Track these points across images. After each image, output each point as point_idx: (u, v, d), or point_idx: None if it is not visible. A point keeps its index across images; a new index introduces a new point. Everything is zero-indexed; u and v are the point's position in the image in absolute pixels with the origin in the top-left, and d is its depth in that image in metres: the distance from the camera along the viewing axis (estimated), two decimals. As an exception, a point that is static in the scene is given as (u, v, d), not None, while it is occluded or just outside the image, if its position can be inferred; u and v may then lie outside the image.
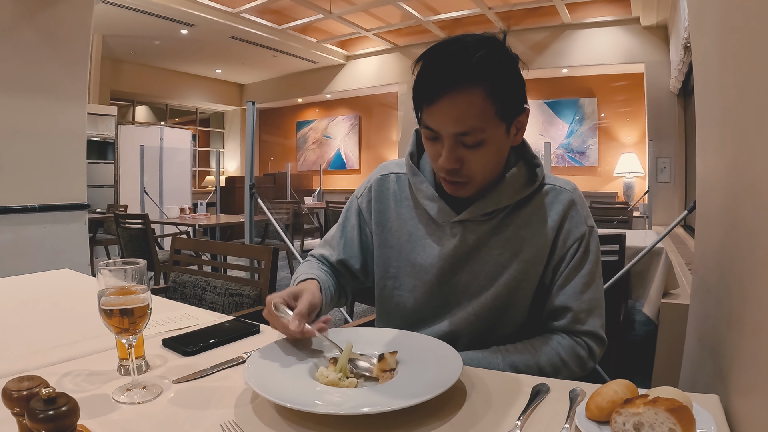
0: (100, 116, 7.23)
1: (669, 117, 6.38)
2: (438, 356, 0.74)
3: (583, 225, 0.92)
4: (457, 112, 0.80)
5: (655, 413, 0.53)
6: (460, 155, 0.84)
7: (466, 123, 0.80)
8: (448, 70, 0.79)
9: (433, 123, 0.83)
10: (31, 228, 2.93)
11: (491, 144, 0.84)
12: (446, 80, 0.79)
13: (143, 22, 6.58)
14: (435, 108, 0.81)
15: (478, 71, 0.79)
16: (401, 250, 0.99)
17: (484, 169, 0.87)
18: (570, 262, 0.92)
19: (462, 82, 0.78)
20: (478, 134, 0.81)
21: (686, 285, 2.44)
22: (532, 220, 0.92)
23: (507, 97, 0.82)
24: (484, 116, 0.80)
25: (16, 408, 0.53)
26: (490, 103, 0.80)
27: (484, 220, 0.92)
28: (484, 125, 0.81)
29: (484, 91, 0.79)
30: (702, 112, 1.15)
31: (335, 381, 0.69)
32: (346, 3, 6.54)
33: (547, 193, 0.94)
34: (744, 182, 0.73)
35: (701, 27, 1.10)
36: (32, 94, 2.89)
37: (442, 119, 0.81)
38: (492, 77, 0.80)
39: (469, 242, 0.93)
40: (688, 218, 2.15)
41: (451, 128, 0.81)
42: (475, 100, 0.79)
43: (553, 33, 7.19)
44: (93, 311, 0.72)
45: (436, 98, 0.80)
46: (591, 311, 0.91)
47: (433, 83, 0.80)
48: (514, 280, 0.91)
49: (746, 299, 0.69)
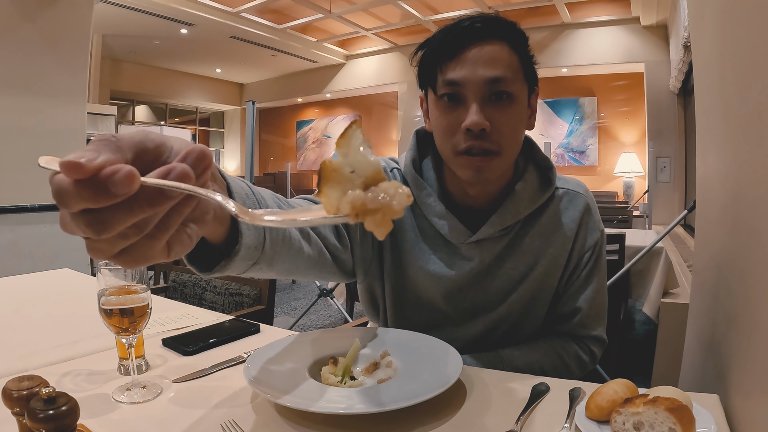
0: (99, 116, 7.22)
1: (669, 116, 6.38)
2: (438, 356, 0.74)
3: (596, 232, 0.90)
4: (489, 56, 0.76)
5: (654, 413, 0.53)
6: (489, 115, 0.77)
7: (499, 68, 0.76)
8: (473, 25, 0.77)
9: (460, 73, 0.76)
10: (31, 228, 2.93)
11: (518, 105, 0.79)
12: (472, 33, 0.77)
13: (143, 22, 6.58)
14: (462, 59, 0.77)
15: (502, 29, 0.78)
16: (410, 266, 0.89)
17: (512, 136, 0.79)
18: (584, 270, 0.89)
19: (490, 35, 0.77)
20: (509, 85, 0.77)
21: (686, 284, 2.44)
22: (548, 230, 0.88)
23: (528, 61, 0.81)
24: (513, 68, 0.78)
25: (16, 408, 0.53)
26: (517, 59, 0.78)
27: (501, 236, 0.86)
28: (514, 76, 0.78)
29: (510, 47, 0.78)
30: (702, 111, 1.15)
31: (337, 384, 0.69)
32: (346, 2, 6.53)
33: (561, 198, 0.89)
34: (744, 182, 0.73)
35: (701, 26, 1.10)
36: (32, 93, 2.88)
37: (474, 66, 0.76)
38: (514, 39, 0.79)
39: (485, 263, 0.86)
40: (688, 218, 2.15)
41: (482, 72, 0.76)
42: (504, 51, 0.77)
43: (553, 32, 7.18)
44: (93, 311, 0.72)
45: (463, 48, 0.77)
46: (598, 317, 0.90)
47: (458, 37, 0.77)
48: (528, 294, 0.88)
49: (746, 299, 0.69)
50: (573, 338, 0.90)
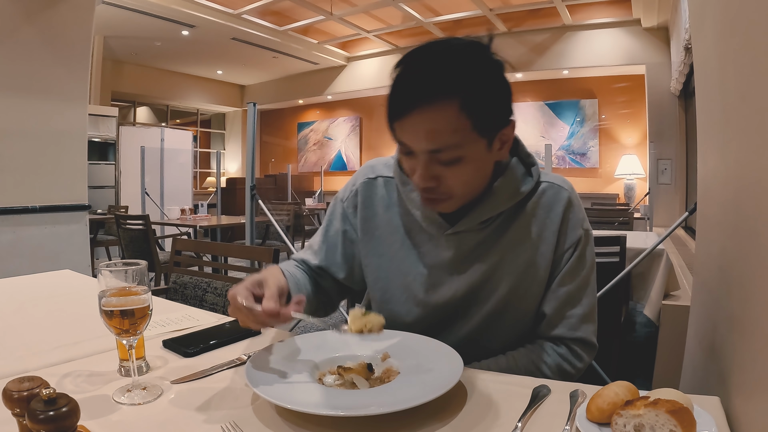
0: (101, 117, 7.25)
1: (670, 118, 6.38)
2: (439, 358, 0.74)
3: (579, 228, 0.88)
4: (428, 127, 0.73)
5: (655, 415, 0.53)
6: (436, 173, 0.77)
7: (439, 140, 0.73)
8: (419, 81, 0.73)
9: (405, 138, 0.76)
10: (31, 229, 2.93)
11: (470, 161, 0.76)
12: (417, 93, 0.72)
13: (144, 24, 6.60)
14: (406, 123, 0.74)
15: (451, 83, 0.72)
16: (392, 259, 0.93)
17: (463, 186, 0.80)
18: (564, 266, 0.88)
19: (434, 96, 0.72)
20: (453, 151, 0.74)
21: (687, 287, 2.43)
22: (531, 222, 0.87)
23: (486, 110, 0.74)
24: (460, 132, 0.73)
25: (17, 409, 0.53)
26: (465, 118, 0.72)
27: (481, 228, 0.87)
28: (459, 141, 0.74)
29: (459, 104, 0.72)
30: (703, 113, 1.15)
31: (338, 385, 0.70)
32: (347, 4, 6.54)
33: (544, 192, 0.88)
34: (745, 184, 0.73)
35: (702, 28, 1.10)
36: (33, 94, 2.89)
37: (414, 135, 0.75)
38: (467, 89, 0.72)
39: (465, 252, 0.88)
40: (689, 220, 2.15)
41: (423, 145, 0.74)
42: (449, 115, 0.72)
43: (554, 34, 7.19)
44: (94, 312, 0.72)
45: (407, 112, 0.73)
46: (584, 318, 0.88)
47: (403, 96, 0.74)
48: (514, 286, 0.87)
49: (747, 301, 0.69)
50: (559, 341, 0.88)
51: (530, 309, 0.90)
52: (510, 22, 7.18)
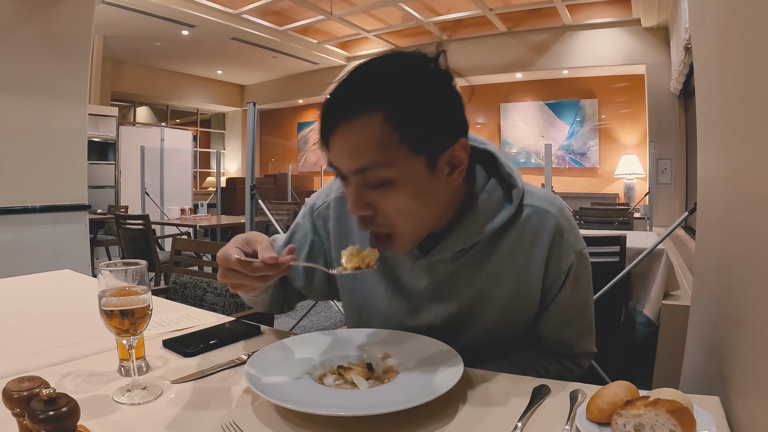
0: (101, 117, 7.25)
1: (670, 118, 6.38)
2: (439, 358, 0.74)
3: (570, 254, 0.81)
4: (352, 143, 0.67)
5: (655, 415, 0.53)
6: (369, 199, 0.70)
7: (363, 156, 0.67)
8: (343, 96, 0.68)
9: (333, 158, 0.70)
10: (31, 228, 2.93)
11: (405, 185, 0.68)
12: (340, 108, 0.67)
13: (144, 23, 6.60)
14: (332, 141, 0.69)
15: (373, 94, 0.66)
16: (367, 281, 0.89)
17: (404, 217, 0.71)
18: (558, 293, 0.83)
19: (355, 108, 0.66)
20: (380, 171, 0.67)
21: (687, 286, 2.43)
22: (515, 252, 0.80)
23: (419, 123, 0.67)
24: (386, 147, 0.66)
25: (17, 408, 0.53)
26: (390, 130, 0.65)
27: (455, 258, 0.81)
28: (386, 159, 0.66)
29: (383, 116, 0.65)
30: (703, 113, 1.15)
31: (338, 385, 0.70)
32: (347, 4, 6.55)
33: (529, 218, 0.80)
34: (745, 184, 0.73)
35: (702, 28, 1.10)
36: (33, 94, 2.89)
37: (339, 153, 0.69)
38: (393, 99, 0.66)
39: (442, 281, 0.83)
40: (689, 220, 2.15)
41: (347, 163, 0.69)
42: (371, 128, 0.66)
43: (554, 34, 7.19)
44: (93, 312, 0.72)
45: (332, 129, 0.68)
46: (582, 334, 0.87)
47: (328, 112, 0.68)
48: (503, 316, 0.83)
49: (747, 301, 0.69)
50: (558, 356, 0.88)
51: (522, 333, 0.87)
52: (510, 21, 7.18)
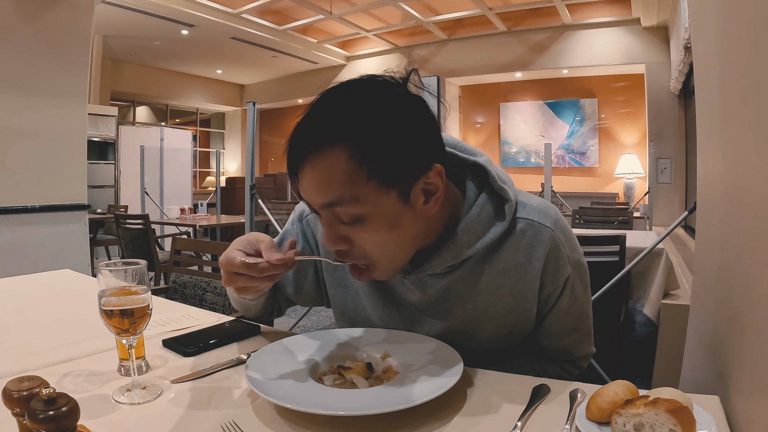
0: (100, 116, 7.25)
1: (669, 118, 6.39)
2: (439, 357, 0.74)
3: (566, 267, 0.79)
4: (319, 179, 0.66)
5: (655, 414, 0.53)
6: (342, 233, 0.69)
7: (330, 192, 0.65)
8: (307, 131, 0.66)
9: (303, 193, 0.70)
10: (31, 228, 2.93)
11: (377, 219, 0.67)
12: (304, 143, 0.66)
13: (144, 23, 6.60)
14: (300, 176, 0.68)
15: (335, 128, 0.64)
16: (358, 292, 0.89)
17: (379, 249, 0.70)
18: (554, 305, 0.82)
19: (319, 144, 0.64)
20: (350, 207, 0.66)
21: (687, 286, 2.44)
22: (510, 268, 0.79)
23: (388, 157, 0.65)
24: (353, 183, 0.64)
25: (17, 408, 0.53)
26: (357, 166, 0.64)
27: (448, 272, 0.79)
28: (355, 194, 0.65)
29: (348, 152, 0.64)
30: (702, 112, 1.15)
31: (337, 385, 0.70)
32: (347, 3, 6.54)
33: (523, 233, 0.78)
34: (744, 183, 0.73)
35: (702, 28, 1.10)
36: (33, 94, 2.89)
37: (308, 189, 0.68)
38: (355, 134, 0.64)
39: (433, 296, 0.81)
40: (689, 219, 2.15)
41: (316, 199, 0.68)
42: (336, 164, 0.64)
43: (554, 34, 7.19)
44: (93, 312, 0.72)
45: (300, 164, 0.67)
46: (582, 339, 0.87)
47: (293, 148, 0.67)
48: (500, 331, 0.82)
49: (747, 300, 0.69)
50: (557, 361, 0.88)
51: (520, 342, 0.87)
52: (510, 21, 7.18)
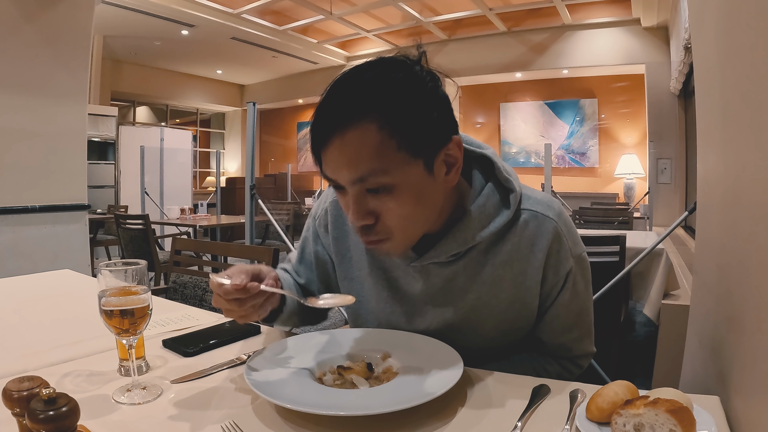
0: (100, 117, 7.25)
1: (669, 118, 6.38)
2: (439, 357, 0.74)
3: (568, 260, 0.81)
4: (349, 154, 0.67)
5: (655, 414, 0.53)
6: (370, 207, 0.70)
7: (362, 165, 0.67)
8: (334, 107, 0.69)
9: (329, 171, 0.71)
10: (31, 228, 2.93)
11: (405, 189, 0.69)
12: (333, 119, 0.68)
13: (144, 23, 6.60)
14: (327, 153, 0.69)
15: (365, 102, 0.67)
16: (363, 284, 0.90)
17: (404, 222, 0.71)
18: (556, 298, 0.83)
19: (349, 118, 0.66)
20: (380, 178, 0.67)
21: (687, 286, 2.44)
22: (513, 258, 0.80)
23: (414, 126, 0.68)
24: (384, 154, 0.67)
25: (17, 408, 0.53)
26: (387, 137, 0.66)
27: (451, 261, 0.80)
28: (386, 165, 0.67)
29: (378, 123, 0.66)
30: (702, 113, 1.15)
31: (337, 385, 0.70)
32: (347, 4, 6.54)
33: (527, 223, 0.80)
34: (745, 183, 0.73)
35: (702, 28, 1.10)
36: (33, 94, 2.89)
37: (336, 165, 0.69)
38: (385, 105, 0.66)
39: (437, 286, 0.82)
40: (689, 219, 2.15)
41: (346, 175, 0.68)
42: (368, 136, 0.66)
43: (554, 34, 7.19)
44: (93, 312, 0.72)
45: (327, 141, 0.69)
46: (582, 337, 0.87)
47: (321, 125, 0.69)
48: (502, 324, 0.83)
49: (747, 300, 0.69)
50: (557, 358, 0.88)
51: (521, 337, 0.87)
52: (510, 21, 7.18)
